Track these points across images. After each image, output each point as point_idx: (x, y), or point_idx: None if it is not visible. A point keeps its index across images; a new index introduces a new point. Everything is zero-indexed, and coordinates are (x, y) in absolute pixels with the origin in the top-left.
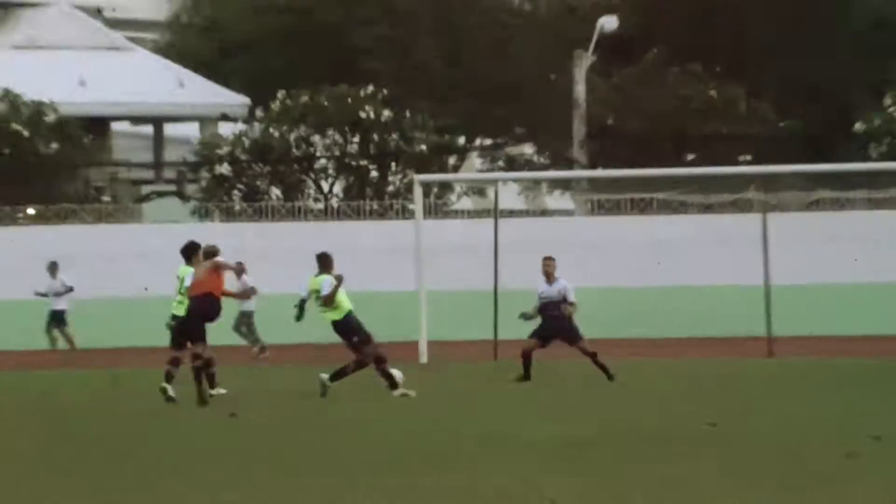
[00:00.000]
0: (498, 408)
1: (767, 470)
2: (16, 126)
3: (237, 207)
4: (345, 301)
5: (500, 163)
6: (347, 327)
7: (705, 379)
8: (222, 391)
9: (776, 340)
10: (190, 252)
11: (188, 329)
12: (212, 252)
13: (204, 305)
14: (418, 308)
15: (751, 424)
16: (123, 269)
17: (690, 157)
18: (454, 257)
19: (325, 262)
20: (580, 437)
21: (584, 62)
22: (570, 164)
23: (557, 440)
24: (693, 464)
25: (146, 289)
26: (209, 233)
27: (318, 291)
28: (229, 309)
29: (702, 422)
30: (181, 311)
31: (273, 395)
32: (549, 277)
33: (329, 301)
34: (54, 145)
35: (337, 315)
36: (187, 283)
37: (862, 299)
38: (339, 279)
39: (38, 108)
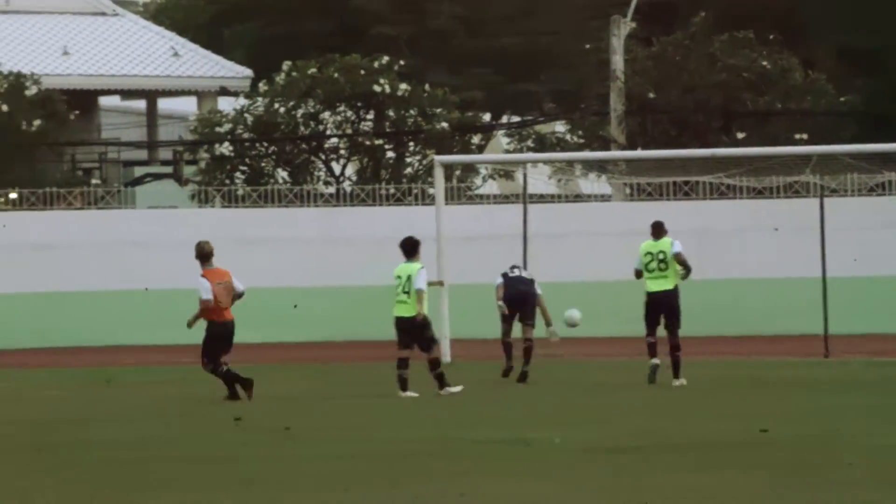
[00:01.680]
0: (528, 411)
1: (820, 478)
2: None
3: (240, 191)
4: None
5: (529, 142)
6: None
7: (754, 380)
8: (453, 389)
9: (833, 339)
10: (413, 248)
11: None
12: (207, 251)
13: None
14: (439, 303)
15: (803, 430)
16: (115, 259)
17: (740, 135)
18: (478, 246)
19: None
20: (618, 443)
21: (621, 29)
22: (606, 143)
23: (592, 447)
24: (742, 471)
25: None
26: (210, 219)
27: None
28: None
29: (751, 426)
30: (403, 312)
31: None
32: None
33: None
34: (37, 122)
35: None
36: (419, 283)
37: None
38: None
39: (18, 81)
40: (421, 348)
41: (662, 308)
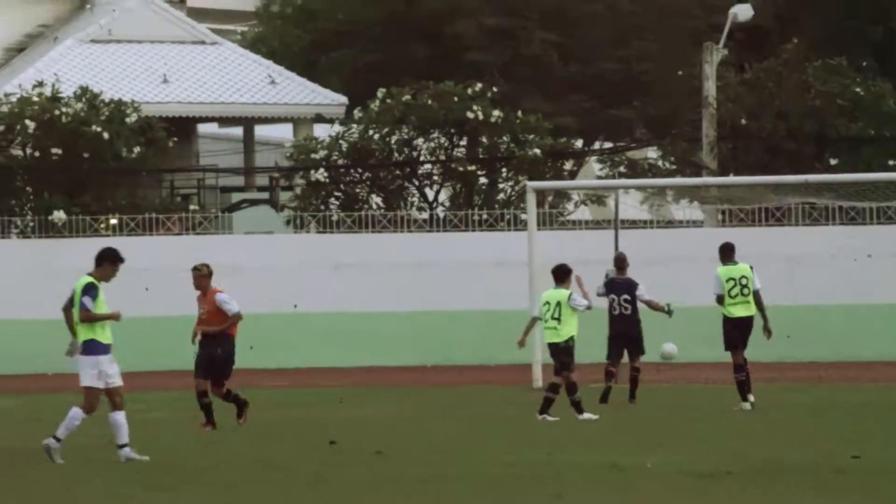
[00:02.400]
0: (617, 435)
1: None
2: (95, 127)
3: (334, 217)
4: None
5: (621, 168)
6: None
7: (847, 406)
8: (590, 416)
9: None
10: (565, 274)
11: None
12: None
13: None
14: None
15: None
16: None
17: (833, 161)
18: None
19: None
20: (710, 468)
21: (714, 56)
22: (698, 169)
23: (684, 471)
24: (834, 497)
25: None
26: (304, 244)
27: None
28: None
29: (843, 452)
30: (554, 338)
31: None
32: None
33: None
34: (137, 149)
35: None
36: (577, 302)
37: None
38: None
39: (119, 108)
40: (556, 372)
41: (746, 332)
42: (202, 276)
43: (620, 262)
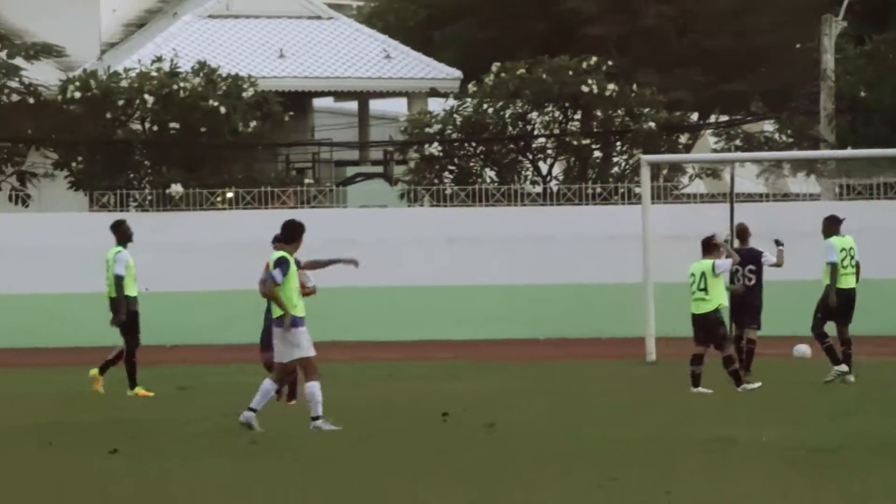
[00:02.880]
0: (731, 409)
1: None
2: (212, 102)
3: (448, 191)
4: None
5: (737, 142)
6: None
7: None
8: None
9: None
10: (713, 246)
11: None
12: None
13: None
14: (645, 301)
15: None
16: (326, 256)
17: None
18: (684, 245)
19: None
20: (825, 443)
21: (832, 28)
22: (815, 143)
23: (799, 446)
24: None
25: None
26: (418, 218)
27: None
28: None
29: None
30: (700, 309)
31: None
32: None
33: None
34: (253, 123)
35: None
36: (720, 266)
37: None
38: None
39: (236, 83)
40: (715, 346)
41: (852, 304)
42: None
43: (742, 233)
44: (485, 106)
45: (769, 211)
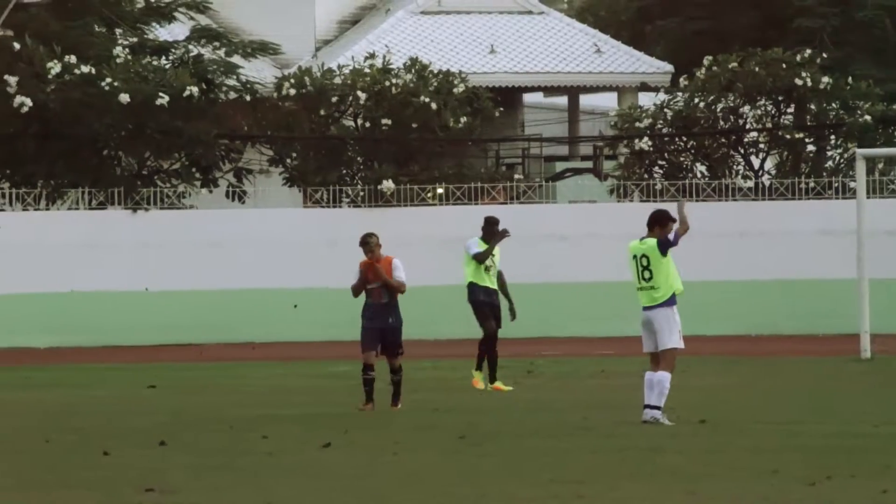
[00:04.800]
0: None
1: None
2: (423, 98)
3: (658, 186)
4: None
5: None
6: None
7: None
8: None
9: None
10: None
11: None
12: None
13: None
14: (860, 297)
15: None
16: (538, 252)
17: None
18: None
19: None
20: None
21: None
22: None
23: None
24: None
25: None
26: (628, 213)
27: None
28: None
29: None
30: None
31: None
32: None
33: None
34: (463, 119)
35: None
36: None
37: None
38: None
39: (447, 79)
40: None
41: None
42: (377, 245)
43: None
44: (696, 100)
45: None
